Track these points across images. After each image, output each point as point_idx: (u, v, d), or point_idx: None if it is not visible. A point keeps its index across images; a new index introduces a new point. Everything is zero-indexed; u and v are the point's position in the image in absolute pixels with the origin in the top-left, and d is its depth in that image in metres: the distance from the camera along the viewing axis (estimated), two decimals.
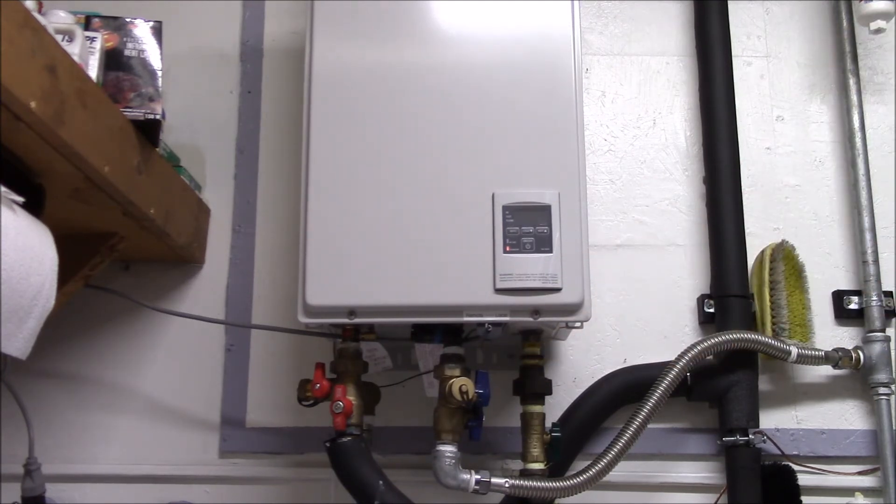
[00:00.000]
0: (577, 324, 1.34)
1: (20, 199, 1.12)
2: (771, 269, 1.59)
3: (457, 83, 1.37)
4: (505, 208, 1.31)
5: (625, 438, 1.42)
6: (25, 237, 1.12)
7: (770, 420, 1.61)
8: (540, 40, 1.39)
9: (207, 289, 1.71)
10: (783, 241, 1.63)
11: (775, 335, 1.55)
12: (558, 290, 1.29)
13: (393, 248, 1.32)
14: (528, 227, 1.30)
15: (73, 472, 1.62)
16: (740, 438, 1.53)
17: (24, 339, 1.14)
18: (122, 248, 1.48)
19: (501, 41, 1.39)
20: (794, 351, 1.52)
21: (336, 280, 1.32)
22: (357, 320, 1.32)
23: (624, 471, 1.51)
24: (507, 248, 1.30)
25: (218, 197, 1.75)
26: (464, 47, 1.39)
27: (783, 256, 1.60)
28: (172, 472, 1.62)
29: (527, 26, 1.40)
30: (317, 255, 1.33)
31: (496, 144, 1.35)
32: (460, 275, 1.30)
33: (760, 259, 1.63)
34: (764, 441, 1.54)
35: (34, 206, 1.18)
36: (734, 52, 1.76)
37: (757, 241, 1.67)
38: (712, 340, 1.49)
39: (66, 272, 1.29)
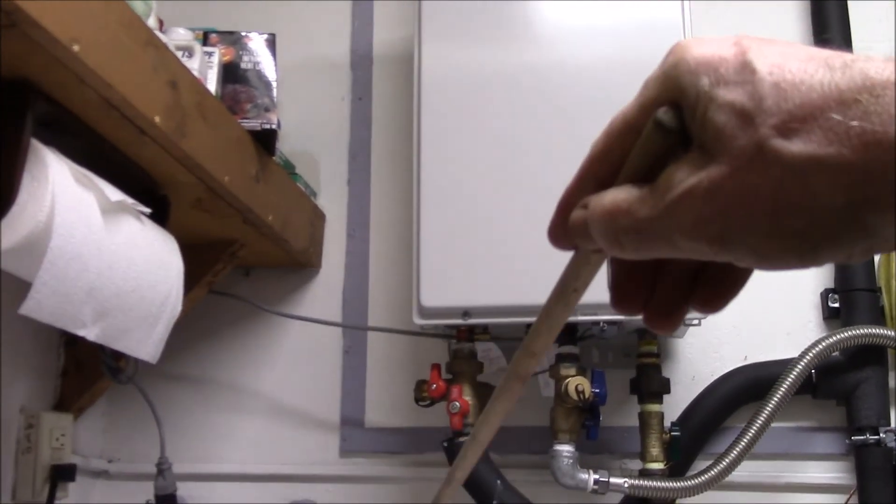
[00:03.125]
0: (695, 321, 1.31)
1: (147, 210, 1.17)
2: None
3: (567, 82, 1.37)
4: None
5: (747, 437, 1.39)
6: (153, 246, 1.17)
7: None
8: (651, 34, 1.37)
9: (324, 292, 1.75)
10: None
11: None
12: None
13: (505, 248, 1.32)
14: None
15: (202, 472, 1.67)
16: (870, 437, 1.46)
17: (153, 343, 1.19)
18: (242, 255, 1.53)
19: (613, 37, 1.38)
20: None
21: (450, 281, 1.33)
22: (471, 321, 1.33)
23: (747, 471, 1.46)
24: None
25: (332, 202, 1.78)
26: (574, 45, 1.38)
27: None
28: (296, 472, 1.66)
29: (637, 21, 1.38)
30: (430, 256, 1.34)
31: None
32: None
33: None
34: None
35: (160, 216, 1.23)
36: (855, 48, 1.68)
37: None
38: (838, 336, 1.43)
39: (191, 279, 1.33)
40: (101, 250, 1.02)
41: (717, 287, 0.44)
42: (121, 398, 1.70)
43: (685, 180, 0.37)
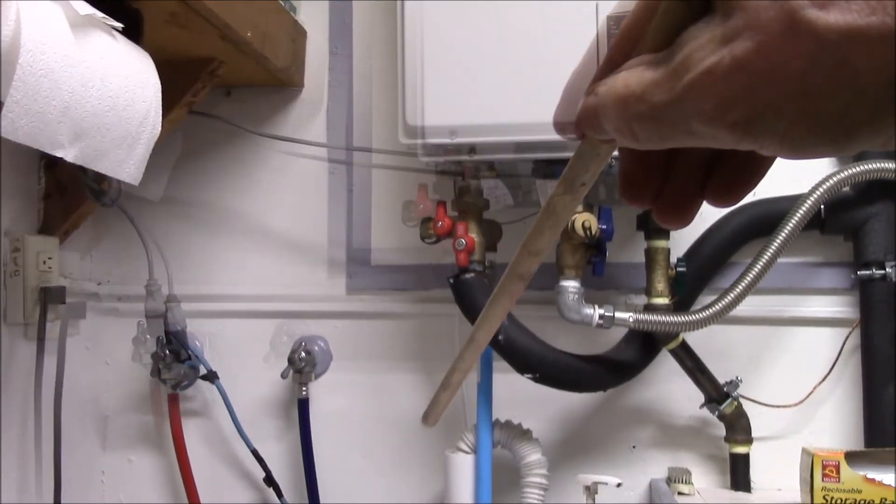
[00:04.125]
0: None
1: (119, 25, 1.10)
2: None
3: None
4: (609, 18, 1.20)
5: (753, 272, 1.36)
6: (128, 64, 1.11)
7: None
8: None
9: (308, 112, 1.67)
10: None
11: None
12: None
13: (493, 66, 1.25)
14: None
15: (210, 309, 1.66)
16: (876, 272, 1.45)
17: (134, 165, 1.15)
18: (222, 74, 1.47)
19: None
20: None
21: (436, 100, 1.27)
22: (458, 139, 1.27)
23: (752, 305, 1.44)
24: None
25: (313, 18, 1.67)
26: None
27: None
28: (303, 308, 1.65)
29: None
30: (415, 74, 1.27)
31: None
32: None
33: None
34: None
35: (133, 32, 1.17)
36: None
37: None
38: (849, 171, 1.38)
39: (170, 100, 1.28)
40: (73, 67, 0.97)
41: (734, 177, 0.40)
42: (107, 221, 1.66)
43: (705, 59, 0.32)
